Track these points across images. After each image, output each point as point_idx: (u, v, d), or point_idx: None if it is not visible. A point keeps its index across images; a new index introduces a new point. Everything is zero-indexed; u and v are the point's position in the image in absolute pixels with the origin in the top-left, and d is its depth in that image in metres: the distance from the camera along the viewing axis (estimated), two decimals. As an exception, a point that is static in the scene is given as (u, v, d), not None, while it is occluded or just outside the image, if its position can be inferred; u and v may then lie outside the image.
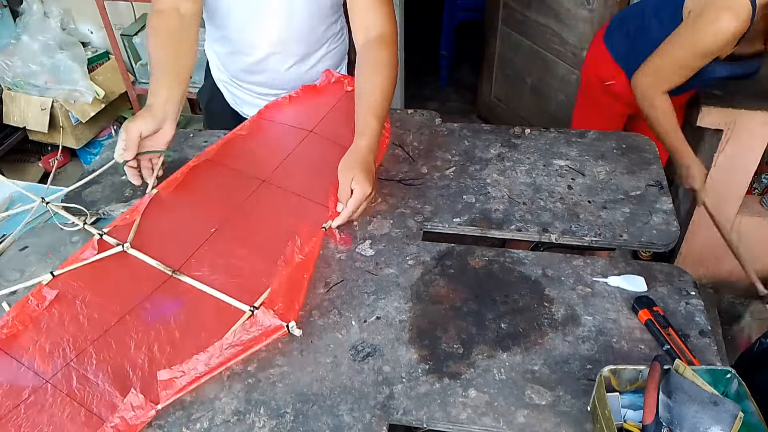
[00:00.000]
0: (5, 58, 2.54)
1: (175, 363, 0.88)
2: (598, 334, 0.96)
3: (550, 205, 1.19)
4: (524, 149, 1.35)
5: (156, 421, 0.86)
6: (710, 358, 0.92)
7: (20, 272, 1.11)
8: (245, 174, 1.24)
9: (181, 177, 1.23)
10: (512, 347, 0.94)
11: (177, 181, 1.22)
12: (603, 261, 1.08)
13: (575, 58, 2.50)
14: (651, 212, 1.16)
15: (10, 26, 2.64)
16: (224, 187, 1.22)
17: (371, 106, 1.17)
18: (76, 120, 2.66)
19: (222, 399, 0.89)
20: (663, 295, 1.01)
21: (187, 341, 0.94)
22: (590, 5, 2.33)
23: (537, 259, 1.09)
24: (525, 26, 2.70)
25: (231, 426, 0.85)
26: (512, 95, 3.00)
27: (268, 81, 1.48)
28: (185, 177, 1.23)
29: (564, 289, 1.03)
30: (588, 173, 1.27)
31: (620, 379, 0.82)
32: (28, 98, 2.59)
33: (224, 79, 1.57)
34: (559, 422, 0.84)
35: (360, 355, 0.94)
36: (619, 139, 1.37)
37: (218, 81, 1.59)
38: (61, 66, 2.56)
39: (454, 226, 1.16)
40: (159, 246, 1.09)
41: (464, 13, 3.40)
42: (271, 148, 1.31)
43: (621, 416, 0.81)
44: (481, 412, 0.86)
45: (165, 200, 1.19)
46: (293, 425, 0.85)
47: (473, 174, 1.28)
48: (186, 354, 0.90)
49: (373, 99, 1.18)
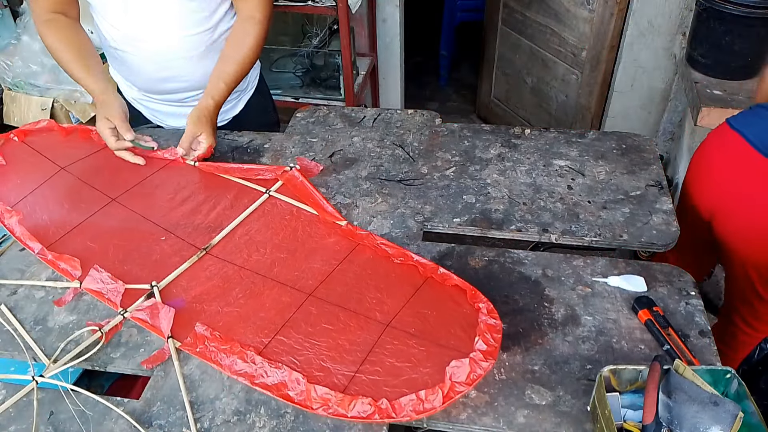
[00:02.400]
0: (5, 59, 2.54)
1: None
2: (598, 334, 0.96)
3: (550, 205, 1.19)
4: (524, 149, 1.35)
5: (156, 421, 0.86)
6: (710, 358, 0.92)
7: (20, 272, 1.12)
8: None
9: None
10: (512, 347, 0.94)
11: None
12: (603, 261, 1.08)
13: (575, 58, 2.50)
14: (651, 212, 1.17)
15: (11, 26, 2.64)
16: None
17: (223, 72, 1.34)
18: (77, 120, 2.65)
19: (222, 399, 0.89)
20: (663, 295, 1.01)
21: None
22: (590, 5, 2.33)
23: (537, 259, 1.09)
24: (525, 26, 2.70)
25: (231, 426, 0.85)
26: (512, 95, 3.00)
27: (181, 84, 1.43)
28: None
29: (564, 289, 1.03)
30: (588, 173, 1.28)
31: (620, 379, 0.82)
32: (29, 98, 2.59)
33: (136, 96, 1.51)
34: (559, 422, 0.84)
35: (360, 355, 0.94)
36: (619, 139, 1.37)
37: (132, 101, 1.52)
38: (61, 66, 2.56)
39: (454, 226, 1.16)
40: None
41: (464, 13, 3.39)
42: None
43: (621, 416, 0.81)
44: (481, 412, 0.86)
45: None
46: (293, 425, 0.85)
47: (473, 174, 1.28)
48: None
49: (227, 68, 1.34)
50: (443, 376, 0.85)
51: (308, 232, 1.17)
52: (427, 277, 1.06)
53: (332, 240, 1.15)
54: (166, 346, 0.96)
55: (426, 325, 0.97)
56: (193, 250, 1.12)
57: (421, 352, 0.93)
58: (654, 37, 2.27)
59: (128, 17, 1.29)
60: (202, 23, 1.34)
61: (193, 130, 1.31)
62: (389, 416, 0.83)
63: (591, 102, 2.55)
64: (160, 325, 0.98)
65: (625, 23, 2.29)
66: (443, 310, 1.00)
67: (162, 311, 0.99)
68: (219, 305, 1.03)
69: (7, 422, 0.88)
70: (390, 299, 1.02)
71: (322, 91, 2.57)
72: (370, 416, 0.84)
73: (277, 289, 1.05)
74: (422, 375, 0.89)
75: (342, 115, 1.52)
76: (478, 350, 0.88)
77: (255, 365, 0.92)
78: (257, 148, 1.40)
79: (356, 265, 1.09)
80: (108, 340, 0.98)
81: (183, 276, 1.08)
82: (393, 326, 0.97)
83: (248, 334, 0.97)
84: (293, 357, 0.94)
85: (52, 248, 1.13)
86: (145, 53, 1.35)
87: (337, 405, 0.85)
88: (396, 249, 1.10)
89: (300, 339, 0.96)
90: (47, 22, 1.32)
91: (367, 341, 0.95)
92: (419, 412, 0.83)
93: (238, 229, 1.18)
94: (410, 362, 0.91)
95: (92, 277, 1.05)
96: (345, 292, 1.04)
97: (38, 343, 0.98)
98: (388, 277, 1.07)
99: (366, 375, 0.90)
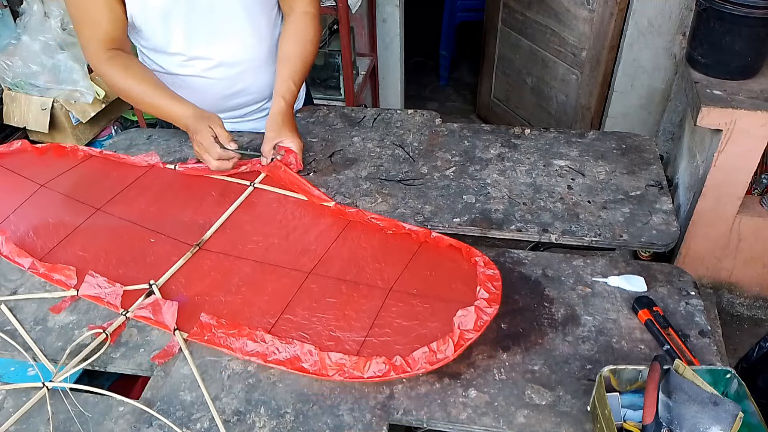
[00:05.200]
0: (5, 59, 2.54)
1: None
2: (598, 334, 0.96)
3: (550, 205, 1.19)
4: (524, 149, 1.35)
5: (156, 421, 0.86)
6: (710, 358, 0.92)
7: (20, 272, 1.12)
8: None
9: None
10: (512, 347, 0.94)
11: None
12: (603, 261, 1.08)
13: (575, 58, 2.51)
14: (651, 212, 1.16)
15: (11, 26, 2.64)
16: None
17: (293, 71, 1.31)
18: (77, 120, 2.65)
19: (222, 399, 0.89)
20: (663, 295, 1.01)
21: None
22: (590, 5, 2.33)
23: (537, 259, 1.09)
24: (525, 26, 2.70)
25: (231, 426, 0.85)
26: (512, 95, 3.00)
27: (247, 98, 1.42)
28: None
29: (564, 289, 1.03)
30: (588, 173, 1.27)
31: (620, 379, 0.82)
32: (29, 98, 2.59)
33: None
34: (559, 422, 0.84)
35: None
36: (619, 140, 1.37)
37: None
38: (61, 66, 2.56)
39: (454, 226, 1.16)
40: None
41: (464, 13, 3.40)
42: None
43: (621, 416, 0.81)
44: (481, 412, 0.86)
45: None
46: (293, 425, 0.85)
47: (473, 174, 1.28)
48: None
49: (294, 67, 1.32)
50: (451, 327, 0.89)
51: (298, 216, 1.19)
52: (421, 242, 1.10)
53: (323, 220, 1.17)
54: (174, 340, 0.96)
55: (427, 285, 1.02)
56: (186, 248, 1.12)
57: (426, 309, 0.97)
58: (654, 37, 2.27)
59: (191, 38, 1.27)
60: (267, 27, 1.34)
61: (273, 136, 1.27)
62: (404, 371, 0.86)
63: (591, 102, 2.55)
64: (164, 319, 0.98)
65: (625, 23, 2.29)
66: (441, 269, 1.05)
67: (164, 306, 0.99)
68: (221, 295, 1.04)
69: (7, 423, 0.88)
70: (388, 267, 1.06)
71: (322, 91, 2.57)
72: (386, 374, 0.86)
73: (276, 273, 1.07)
74: (431, 329, 0.93)
75: (342, 115, 1.51)
76: (481, 298, 0.92)
77: (266, 343, 0.93)
78: (257, 148, 1.40)
79: (350, 241, 1.13)
80: (114, 341, 0.98)
81: (181, 273, 1.08)
82: (395, 290, 1.01)
83: (254, 318, 0.99)
84: (302, 332, 0.96)
85: (44, 261, 1.10)
86: (212, 71, 1.33)
87: (352, 369, 0.87)
88: (387, 221, 1.13)
89: (306, 315, 0.99)
90: (108, 60, 1.25)
91: (373, 307, 0.98)
92: (433, 362, 0.86)
93: (227, 224, 1.18)
94: (417, 320, 0.95)
95: (88, 284, 1.04)
96: (343, 267, 1.07)
97: (38, 343, 0.98)
98: (384, 247, 1.11)
99: (376, 338, 0.93)
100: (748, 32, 1.72)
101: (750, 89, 1.79)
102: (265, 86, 1.42)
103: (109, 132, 2.86)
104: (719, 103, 1.74)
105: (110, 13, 1.20)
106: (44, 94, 2.59)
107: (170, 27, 1.25)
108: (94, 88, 2.63)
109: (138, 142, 1.47)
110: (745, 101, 1.74)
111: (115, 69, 1.26)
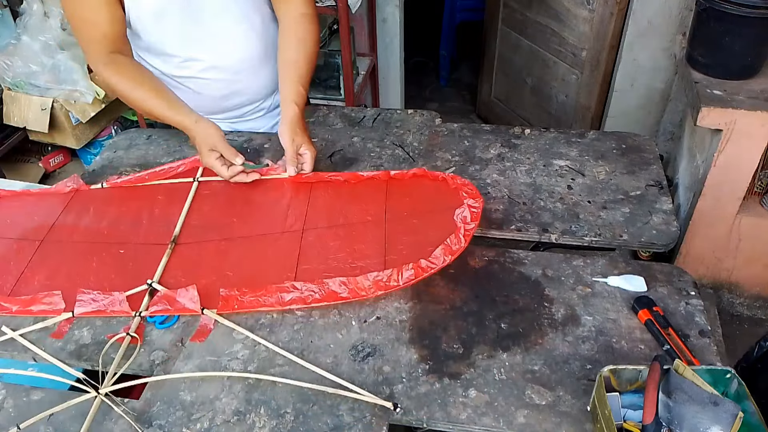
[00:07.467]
0: (5, 58, 2.54)
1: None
2: (598, 334, 0.96)
3: (550, 205, 1.19)
4: (524, 149, 1.35)
5: (156, 421, 0.86)
6: (710, 358, 0.92)
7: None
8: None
9: None
10: (512, 347, 0.94)
11: None
12: (603, 261, 1.08)
13: (575, 58, 2.51)
14: (651, 212, 1.17)
15: (10, 26, 2.64)
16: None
17: (300, 75, 1.30)
18: (77, 120, 2.65)
19: (222, 399, 0.89)
20: (663, 295, 1.01)
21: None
22: (590, 5, 2.34)
23: (537, 259, 1.09)
24: (525, 26, 2.70)
25: (231, 426, 0.85)
26: (512, 95, 3.00)
27: (243, 98, 1.41)
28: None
29: (564, 289, 1.03)
30: (588, 173, 1.27)
31: (620, 379, 0.82)
32: (29, 98, 2.59)
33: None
34: (559, 422, 0.84)
35: (360, 355, 0.94)
36: (619, 140, 1.37)
37: None
38: (61, 66, 2.56)
39: (454, 226, 1.16)
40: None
41: (464, 13, 3.40)
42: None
43: (621, 416, 0.81)
44: (481, 412, 0.86)
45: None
46: (293, 425, 0.85)
47: (473, 174, 1.28)
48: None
49: (300, 70, 1.31)
50: (454, 224, 1.05)
51: (261, 192, 1.24)
52: (387, 180, 1.22)
53: (287, 189, 1.23)
54: (205, 318, 0.98)
55: (415, 205, 1.15)
56: (162, 248, 1.12)
57: (424, 222, 1.11)
58: (654, 37, 2.27)
59: (185, 38, 1.26)
60: (262, 26, 1.33)
61: (293, 144, 1.23)
62: (430, 269, 1.00)
63: (591, 102, 2.55)
64: (186, 305, 0.99)
65: (625, 23, 2.29)
66: (418, 192, 1.19)
67: (179, 294, 1.00)
68: (226, 271, 1.06)
69: (8, 424, 0.88)
70: (370, 205, 1.17)
71: (322, 91, 2.57)
72: (418, 275, 0.99)
73: (269, 240, 1.12)
74: (437, 232, 1.06)
75: (342, 115, 1.52)
76: (466, 198, 1.10)
77: (299, 290, 0.99)
78: (257, 148, 1.40)
79: (323, 197, 1.21)
80: (142, 341, 0.97)
81: (174, 269, 1.08)
82: (389, 220, 1.13)
83: (272, 280, 1.03)
84: (324, 274, 1.03)
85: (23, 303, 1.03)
86: (208, 72, 1.32)
87: (387, 281, 0.99)
88: (346, 174, 1.23)
89: (319, 261, 1.06)
90: (108, 64, 1.24)
91: (377, 237, 1.09)
92: (452, 252, 1.01)
93: (192, 218, 1.19)
94: (421, 232, 1.09)
95: (83, 301, 1.00)
96: (330, 216, 1.16)
97: (37, 344, 0.98)
98: (356, 192, 1.21)
99: (393, 255, 1.05)
100: (748, 32, 1.72)
101: (750, 89, 1.79)
102: (263, 86, 1.42)
103: (109, 132, 2.86)
104: (719, 103, 1.74)
105: (109, 14, 1.20)
106: (44, 94, 2.59)
107: (164, 27, 1.25)
108: (94, 88, 2.63)
109: (138, 142, 1.47)
110: (745, 101, 1.74)
111: (114, 72, 1.25)
